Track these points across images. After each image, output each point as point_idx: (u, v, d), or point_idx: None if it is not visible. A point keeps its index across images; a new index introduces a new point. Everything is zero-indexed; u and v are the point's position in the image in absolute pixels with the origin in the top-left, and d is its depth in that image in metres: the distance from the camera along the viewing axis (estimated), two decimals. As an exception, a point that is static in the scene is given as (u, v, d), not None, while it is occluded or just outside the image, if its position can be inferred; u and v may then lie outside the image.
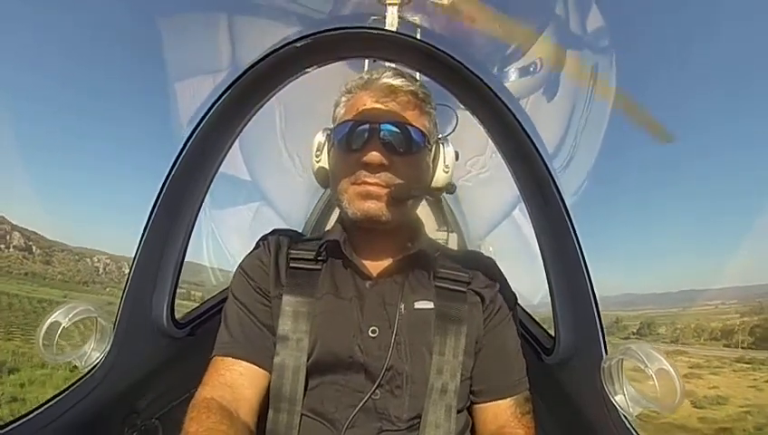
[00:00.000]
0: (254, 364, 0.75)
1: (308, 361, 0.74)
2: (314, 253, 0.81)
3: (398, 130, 0.75)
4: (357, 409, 0.70)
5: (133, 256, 0.96)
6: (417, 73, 1.03)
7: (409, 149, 0.76)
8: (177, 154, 0.98)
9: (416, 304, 0.77)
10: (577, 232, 0.89)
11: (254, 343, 0.76)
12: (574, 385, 0.91)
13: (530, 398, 0.81)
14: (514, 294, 0.87)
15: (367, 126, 0.74)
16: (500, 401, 0.79)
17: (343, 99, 0.83)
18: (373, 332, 0.74)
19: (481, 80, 0.91)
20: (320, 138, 0.83)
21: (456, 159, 0.83)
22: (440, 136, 0.85)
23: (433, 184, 0.83)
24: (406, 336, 0.74)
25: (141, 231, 0.98)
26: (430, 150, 0.82)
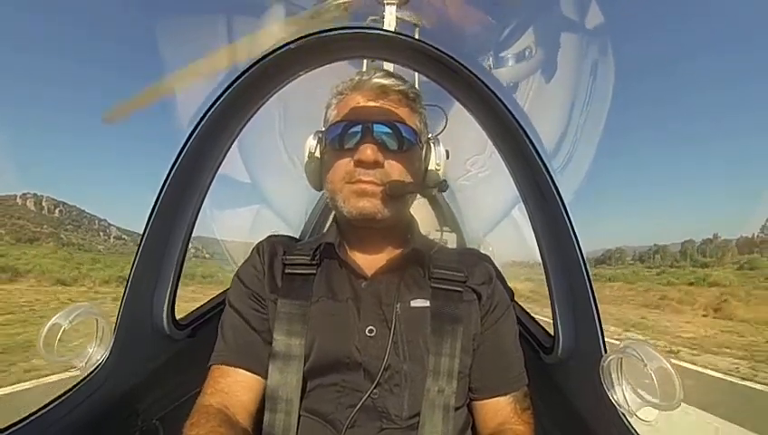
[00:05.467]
0: (249, 371, 0.76)
1: (305, 363, 0.74)
2: (309, 257, 0.81)
3: (390, 129, 0.76)
4: (356, 408, 0.71)
5: (133, 257, 0.97)
6: (416, 75, 1.04)
7: (401, 146, 0.77)
8: (176, 155, 0.98)
9: (412, 302, 0.77)
10: (576, 230, 0.90)
11: (248, 351, 0.78)
12: (573, 384, 0.91)
13: (528, 393, 0.82)
14: (511, 291, 0.88)
15: (360, 125, 0.76)
16: (499, 398, 0.80)
17: (334, 101, 0.84)
18: (370, 331, 0.74)
19: (480, 79, 0.91)
20: (311, 141, 0.83)
21: (447, 157, 0.85)
22: (431, 136, 0.86)
23: (425, 182, 0.84)
24: (403, 335, 0.74)
25: (142, 233, 0.98)
26: (422, 149, 0.83)
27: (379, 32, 0.94)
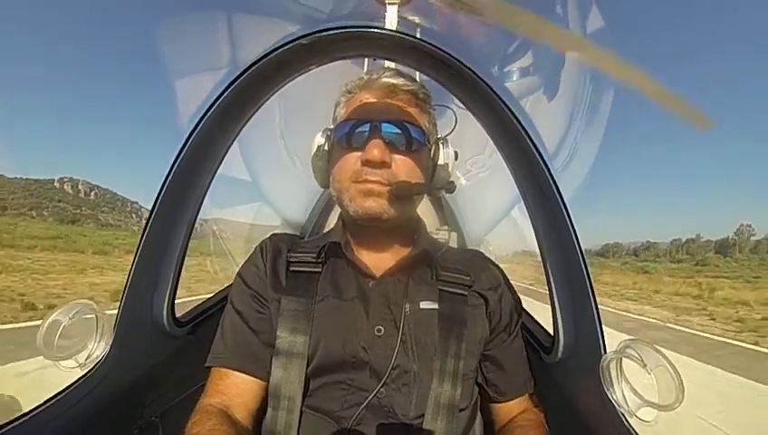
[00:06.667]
0: (247, 374, 0.77)
1: (310, 362, 0.74)
2: (314, 255, 0.81)
3: (398, 129, 0.75)
4: (362, 406, 0.71)
5: (134, 254, 0.97)
6: (417, 74, 1.03)
7: (410, 147, 0.76)
8: (176, 154, 0.98)
9: (421, 303, 0.77)
10: (576, 231, 0.89)
11: (246, 353, 0.78)
12: (573, 383, 0.91)
13: (534, 392, 0.85)
14: (518, 296, 0.88)
15: (368, 124, 0.75)
16: (507, 403, 0.82)
17: (343, 99, 0.84)
18: (378, 331, 0.74)
19: (481, 79, 0.91)
20: (319, 138, 0.83)
21: (456, 158, 0.84)
22: (439, 136, 0.86)
23: (432, 183, 0.84)
24: (412, 335, 0.74)
25: (142, 230, 0.98)
26: (430, 149, 0.83)
27: (381, 31, 0.93)
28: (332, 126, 0.84)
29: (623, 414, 0.74)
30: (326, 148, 0.82)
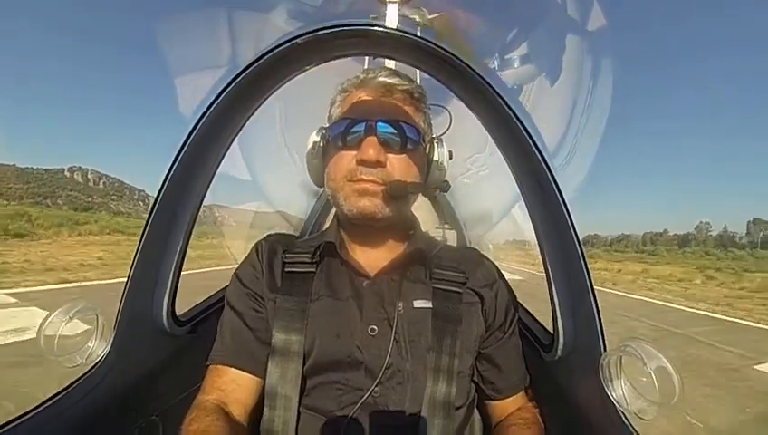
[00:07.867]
0: (245, 371, 0.77)
1: (305, 362, 0.74)
2: (309, 255, 0.81)
3: (393, 128, 0.75)
4: (357, 406, 0.71)
5: (134, 253, 0.96)
6: (417, 73, 1.03)
7: (405, 146, 0.76)
8: (176, 152, 0.98)
9: (414, 302, 0.77)
10: (576, 229, 0.89)
11: (245, 351, 0.78)
12: (573, 382, 0.91)
13: (533, 390, 0.86)
14: (514, 293, 0.88)
15: (363, 123, 0.75)
16: (504, 400, 0.82)
17: (339, 97, 0.84)
18: (372, 330, 0.74)
19: (481, 77, 0.91)
20: (315, 137, 0.83)
21: (450, 158, 0.84)
22: (434, 136, 0.86)
23: (428, 182, 0.84)
24: (405, 334, 0.74)
25: (142, 229, 0.98)
26: (425, 148, 0.83)
27: (380, 29, 0.93)
28: (328, 124, 0.84)
29: (623, 412, 0.74)
30: (321, 146, 0.82)
